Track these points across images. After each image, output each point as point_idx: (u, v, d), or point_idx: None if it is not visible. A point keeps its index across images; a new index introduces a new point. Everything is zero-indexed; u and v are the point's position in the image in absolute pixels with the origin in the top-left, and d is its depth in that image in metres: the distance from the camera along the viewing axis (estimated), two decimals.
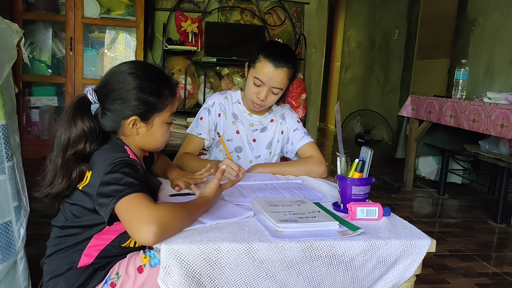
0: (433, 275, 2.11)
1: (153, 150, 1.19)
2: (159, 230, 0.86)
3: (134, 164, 1.00)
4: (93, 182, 0.99)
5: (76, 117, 1.02)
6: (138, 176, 0.98)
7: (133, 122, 1.07)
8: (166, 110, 1.11)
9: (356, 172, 1.14)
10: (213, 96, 1.69)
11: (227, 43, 4.07)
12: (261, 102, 1.54)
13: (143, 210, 0.89)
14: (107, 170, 0.96)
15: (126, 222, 0.91)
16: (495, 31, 3.69)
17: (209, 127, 1.63)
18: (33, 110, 3.94)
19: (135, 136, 1.10)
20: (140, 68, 1.09)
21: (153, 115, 1.09)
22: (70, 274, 1.03)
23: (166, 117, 1.12)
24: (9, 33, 1.44)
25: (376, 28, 6.05)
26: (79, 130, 1.01)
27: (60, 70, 3.99)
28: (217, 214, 1.04)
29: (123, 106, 1.06)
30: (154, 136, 1.12)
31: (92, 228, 1.04)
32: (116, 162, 0.97)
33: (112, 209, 0.93)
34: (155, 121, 1.11)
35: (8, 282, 1.40)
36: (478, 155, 3.17)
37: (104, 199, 0.94)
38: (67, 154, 1.00)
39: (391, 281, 1.00)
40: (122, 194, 0.92)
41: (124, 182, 0.94)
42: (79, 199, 1.03)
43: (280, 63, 1.48)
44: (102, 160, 1.00)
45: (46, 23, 3.92)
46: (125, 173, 0.96)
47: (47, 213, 1.19)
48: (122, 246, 1.08)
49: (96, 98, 1.07)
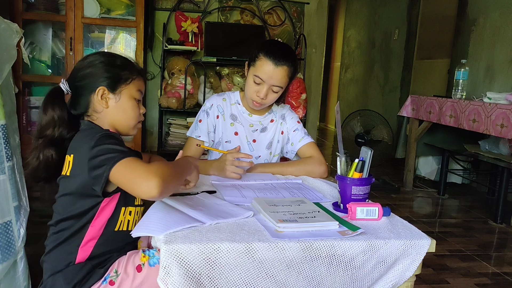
0: (433, 275, 2.11)
1: (126, 130, 1.18)
2: (160, 181, 0.90)
3: (116, 135, 1.05)
4: (78, 161, 1.02)
5: (47, 106, 1.11)
6: (124, 145, 1.02)
7: (101, 92, 1.12)
8: (132, 84, 1.16)
9: (356, 172, 1.14)
10: (211, 98, 1.69)
11: (227, 43, 4.07)
12: (261, 100, 1.54)
13: (140, 168, 0.93)
14: (92, 144, 0.99)
15: (126, 183, 0.94)
16: (495, 31, 3.69)
17: (208, 129, 1.64)
18: (33, 110, 3.94)
19: (105, 112, 1.13)
20: (106, 52, 1.21)
21: (119, 86, 1.14)
22: (68, 270, 1.04)
23: (133, 91, 1.16)
24: (9, 33, 1.44)
25: (376, 28, 6.05)
26: (49, 117, 1.10)
27: (60, 70, 3.99)
28: (217, 214, 1.04)
29: (91, 80, 1.12)
30: (124, 108, 1.15)
31: (82, 217, 1.05)
32: (99, 135, 1.01)
33: (107, 176, 0.96)
34: (123, 93, 1.14)
35: (8, 281, 1.40)
36: (478, 155, 3.17)
37: (97, 170, 0.97)
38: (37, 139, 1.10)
39: (391, 281, 1.00)
40: (116, 160, 0.95)
41: (113, 149, 0.98)
42: (65, 187, 1.06)
43: (280, 61, 1.48)
44: (83, 139, 1.04)
45: (46, 23, 3.92)
46: (112, 143, 0.99)
47: (47, 213, 1.19)
48: (115, 230, 1.09)
49: (68, 87, 1.14)
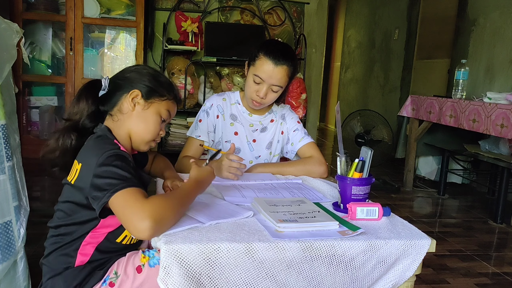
0: (433, 275, 2.11)
1: (139, 142, 1.16)
2: (153, 224, 0.88)
3: (126, 156, 1.03)
4: (84, 174, 1.01)
5: (82, 95, 1.13)
6: (130, 169, 1.00)
7: (135, 94, 1.12)
8: (165, 102, 1.16)
9: (356, 172, 1.14)
10: (211, 98, 1.69)
11: (227, 43, 4.07)
12: (261, 100, 1.54)
13: (137, 205, 0.91)
14: (100, 161, 0.98)
15: (120, 217, 0.94)
16: (495, 31, 3.69)
17: (208, 129, 1.64)
18: (33, 110, 3.94)
19: (129, 115, 1.13)
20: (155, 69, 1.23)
21: (153, 97, 1.14)
22: (68, 273, 1.04)
23: (162, 109, 1.16)
24: (9, 33, 1.44)
25: (376, 28, 6.05)
26: (81, 106, 1.12)
27: (60, 70, 3.99)
28: (217, 214, 1.04)
29: (131, 82, 1.14)
30: (146, 119, 1.14)
31: (85, 225, 1.05)
32: (109, 154, 1.00)
33: (105, 203, 0.95)
34: (153, 105, 1.14)
35: (8, 282, 1.40)
36: (478, 155, 3.17)
37: (97, 192, 0.96)
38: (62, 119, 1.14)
39: (391, 281, 1.00)
40: (116, 189, 0.94)
41: (118, 175, 0.96)
42: (70, 195, 1.05)
43: (280, 60, 1.48)
44: (94, 151, 1.03)
45: (46, 23, 3.92)
46: (118, 166, 0.98)
47: (47, 213, 1.19)
48: (116, 241, 1.09)
49: (108, 85, 1.14)
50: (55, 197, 1.09)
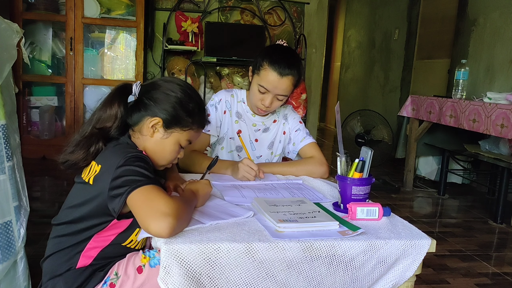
0: (433, 275, 2.11)
1: (154, 164, 1.14)
2: (175, 222, 0.88)
3: (147, 159, 1.02)
4: (103, 175, 0.99)
5: (115, 100, 1.09)
6: (151, 170, 0.99)
7: (155, 122, 1.09)
8: (187, 132, 1.13)
9: (356, 172, 1.14)
10: (219, 93, 1.69)
11: (227, 43, 4.07)
12: (266, 108, 1.55)
13: (161, 201, 0.90)
14: (120, 163, 0.97)
15: (140, 212, 0.91)
16: (495, 31, 3.69)
17: (216, 124, 1.64)
18: (33, 110, 3.94)
19: (148, 138, 1.11)
20: (189, 87, 1.16)
21: (175, 128, 1.11)
22: (69, 274, 1.03)
23: (183, 139, 1.13)
24: (9, 33, 1.44)
25: (376, 28, 6.05)
26: (113, 111, 1.07)
27: (60, 70, 3.99)
28: (217, 214, 1.04)
29: (157, 105, 1.09)
30: (164, 148, 1.12)
31: (92, 229, 1.04)
32: (130, 155, 0.99)
33: (125, 199, 0.93)
34: (173, 135, 1.12)
35: (8, 282, 1.40)
36: (478, 155, 3.17)
37: (117, 190, 0.94)
38: (94, 128, 1.06)
39: (391, 281, 1.00)
40: (139, 184, 0.93)
41: (139, 173, 0.95)
42: (81, 195, 1.04)
43: (285, 70, 1.47)
44: (116, 153, 1.01)
45: (46, 23, 3.92)
46: (139, 166, 0.97)
47: (47, 213, 1.19)
48: (122, 245, 1.08)
49: (138, 92, 1.11)
50: (55, 197, 1.09)
